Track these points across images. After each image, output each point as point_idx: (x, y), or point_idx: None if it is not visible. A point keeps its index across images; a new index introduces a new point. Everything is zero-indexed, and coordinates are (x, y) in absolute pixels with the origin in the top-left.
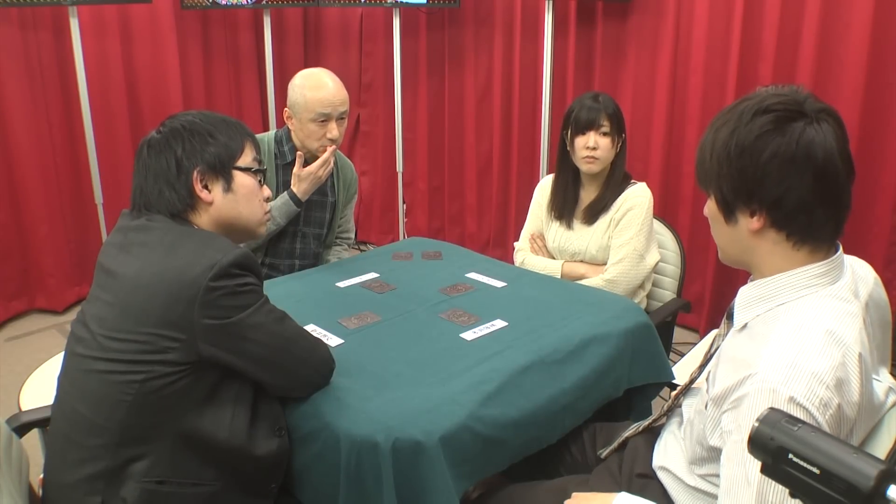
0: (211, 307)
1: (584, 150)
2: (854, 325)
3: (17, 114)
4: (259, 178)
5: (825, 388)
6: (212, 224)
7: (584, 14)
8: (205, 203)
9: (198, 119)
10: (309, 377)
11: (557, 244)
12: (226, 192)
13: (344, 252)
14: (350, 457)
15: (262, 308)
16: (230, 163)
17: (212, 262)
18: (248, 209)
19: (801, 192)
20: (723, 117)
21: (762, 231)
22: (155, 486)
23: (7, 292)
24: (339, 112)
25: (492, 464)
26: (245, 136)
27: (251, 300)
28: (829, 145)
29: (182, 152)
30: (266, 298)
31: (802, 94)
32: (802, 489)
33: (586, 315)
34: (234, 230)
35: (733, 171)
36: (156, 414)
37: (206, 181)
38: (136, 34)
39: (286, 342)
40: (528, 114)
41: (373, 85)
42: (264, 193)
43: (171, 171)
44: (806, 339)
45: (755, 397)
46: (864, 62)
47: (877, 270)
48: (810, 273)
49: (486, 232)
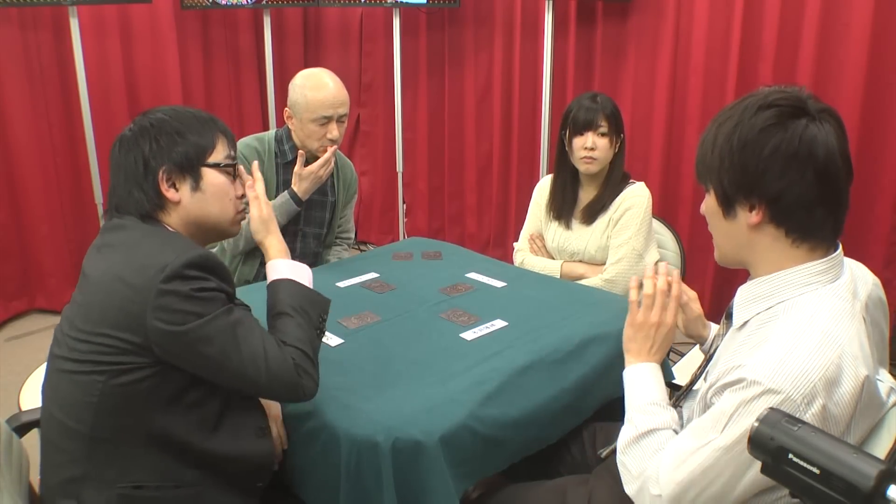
0: (163, 311)
1: (582, 151)
2: (852, 325)
3: (17, 114)
4: (231, 174)
5: (811, 386)
6: (182, 224)
7: (584, 14)
8: (172, 203)
9: (167, 116)
10: (271, 396)
11: (556, 244)
12: (194, 191)
13: (344, 252)
14: (350, 456)
15: (217, 320)
16: (199, 160)
17: (164, 263)
18: (218, 208)
19: (801, 189)
20: (726, 113)
21: (761, 226)
22: (131, 490)
23: (7, 292)
24: (339, 113)
25: (492, 464)
26: (217, 132)
27: (207, 308)
28: (830, 144)
29: (149, 151)
30: (227, 308)
31: (805, 94)
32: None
33: (586, 315)
34: (205, 229)
35: (735, 164)
36: (122, 416)
37: (174, 180)
38: (136, 34)
39: (238, 366)
40: (528, 114)
41: (373, 85)
42: (237, 191)
43: (139, 171)
44: (801, 338)
45: (737, 385)
46: (864, 62)
47: (877, 270)
48: (810, 271)
49: (486, 232)
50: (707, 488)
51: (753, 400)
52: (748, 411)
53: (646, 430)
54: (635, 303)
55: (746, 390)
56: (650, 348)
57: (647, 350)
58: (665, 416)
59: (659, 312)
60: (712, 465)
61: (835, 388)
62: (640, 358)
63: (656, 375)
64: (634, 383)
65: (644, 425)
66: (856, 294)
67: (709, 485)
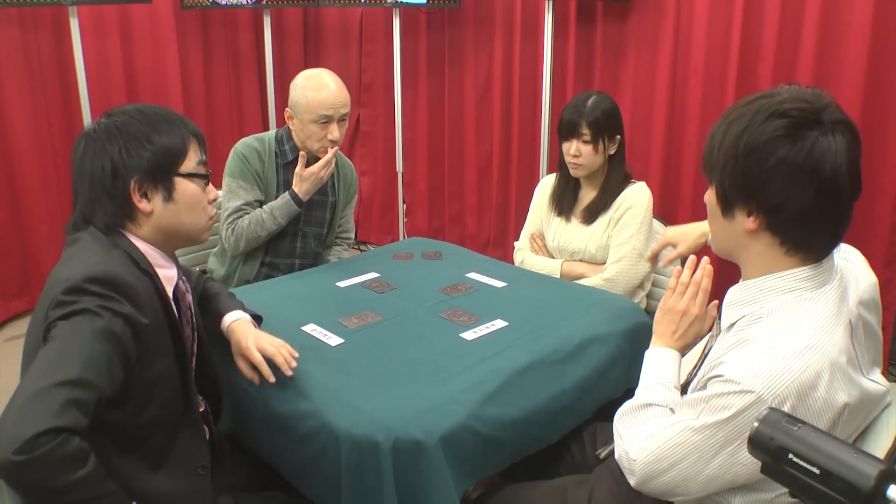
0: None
1: (568, 156)
2: (834, 332)
3: (17, 114)
4: (204, 181)
5: (782, 388)
6: (150, 233)
7: (584, 14)
8: (143, 213)
9: (135, 119)
10: None
11: (557, 243)
12: (166, 202)
13: (344, 252)
14: (350, 456)
15: (66, 332)
16: (171, 170)
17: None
18: (190, 218)
19: (801, 203)
20: (738, 110)
21: (757, 233)
22: None
23: (7, 292)
24: (340, 114)
25: (492, 464)
26: (188, 136)
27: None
28: (838, 160)
29: (118, 158)
30: (88, 332)
31: (824, 102)
32: (802, 489)
33: (586, 315)
34: (174, 238)
35: (738, 169)
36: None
37: (145, 190)
38: (136, 34)
39: (31, 379)
40: (528, 114)
41: (373, 85)
42: (209, 196)
43: (107, 179)
44: (779, 342)
45: (716, 379)
46: (864, 62)
47: (877, 270)
48: (797, 276)
49: (486, 232)
50: (675, 465)
51: (727, 395)
52: (721, 405)
53: (643, 403)
54: (672, 288)
55: (723, 385)
56: (673, 333)
57: (669, 334)
58: (666, 395)
59: (687, 301)
60: (681, 443)
61: (810, 392)
62: (663, 341)
63: (671, 360)
64: (649, 364)
65: (643, 399)
66: (844, 298)
67: (677, 462)
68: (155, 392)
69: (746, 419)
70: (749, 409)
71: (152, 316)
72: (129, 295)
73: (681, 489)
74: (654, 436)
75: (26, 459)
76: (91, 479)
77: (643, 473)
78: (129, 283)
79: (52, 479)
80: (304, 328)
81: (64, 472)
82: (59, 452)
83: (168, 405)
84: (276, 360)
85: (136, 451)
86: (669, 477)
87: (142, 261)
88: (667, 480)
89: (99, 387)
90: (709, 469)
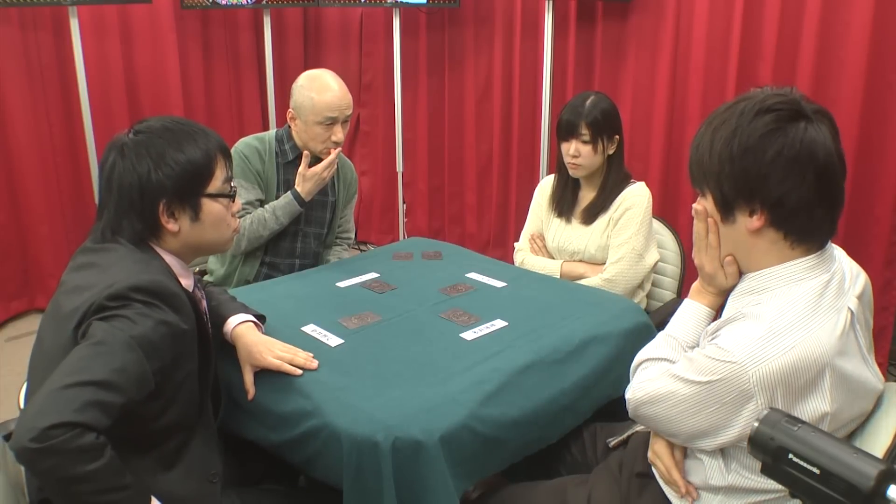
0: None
1: (567, 157)
2: (831, 320)
3: (17, 114)
4: (230, 200)
5: (769, 365)
6: (176, 247)
7: (584, 14)
8: (170, 233)
9: (163, 137)
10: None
11: (557, 244)
12: (193, 222)
13: (344, 252)
14: (350, 456)
15: (113, 335)
16: (199, 191)
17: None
18: (215, 234)
19: (802, 191)
20: (720, 116)
21: (761, 231)
22: None
23: (7, 292)
24: (345, 115)
25: (492, 464)
26: (215, 153)
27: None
28: (828, 145)
29: (147, 179)
30: (127, 340)
31: (797, 95)
32: (802, 489)
33: (586, 315)
34: (198, 251)
35: (736, 170)
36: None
37: (173, 210)
38: (136, 34)
39: (60, 375)
40: (528, 114)
41: (373, 85)
42: (234, 208)
43: (135, 198)
44: (773, 321)
45: (713, 343)
46: (864, 62)
47: (877, 270)
48: (798, 267)
49: (486, 232)
50: (664, 411)
51: (717, 362)
52: (710, 369)
53: (656, 357)
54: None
55: (716, 351)
56: (697, 285)
57: (696, 287)
58: (669, 353)
59: (698, 256)
60: (671, 392)
61: (793, 379)
62: (692, 293)
63: (687, 312)
64: (677, 313)
65: (655, 353)
66: (843, 288)
67: (666, 408)
68: (179, 396)
69: (728, 387)
70: (731, 379)
71: (190, 323)
72: (173, 303)
73: (663, 430)
74: (651, 380)
75: (41, 448)
76: (107, 471)
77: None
78: (174, 291)
79: (68, 469)
80: (303, 328)
81: (79, 463)
82: (72, 444)
83: (187, 408)
84: (295, 361)
85: (151, 452)
86: (657, 421)
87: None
88: (651, 415)
89: (126, 392)
90: (690, 423)
